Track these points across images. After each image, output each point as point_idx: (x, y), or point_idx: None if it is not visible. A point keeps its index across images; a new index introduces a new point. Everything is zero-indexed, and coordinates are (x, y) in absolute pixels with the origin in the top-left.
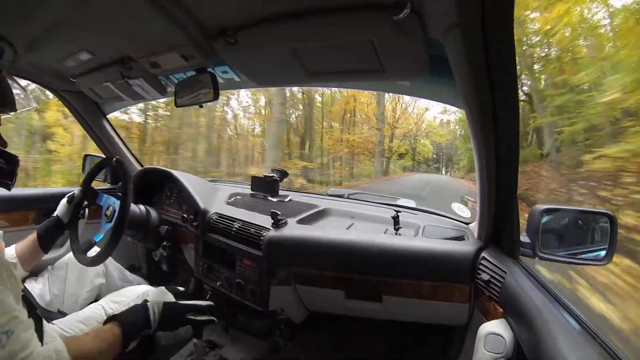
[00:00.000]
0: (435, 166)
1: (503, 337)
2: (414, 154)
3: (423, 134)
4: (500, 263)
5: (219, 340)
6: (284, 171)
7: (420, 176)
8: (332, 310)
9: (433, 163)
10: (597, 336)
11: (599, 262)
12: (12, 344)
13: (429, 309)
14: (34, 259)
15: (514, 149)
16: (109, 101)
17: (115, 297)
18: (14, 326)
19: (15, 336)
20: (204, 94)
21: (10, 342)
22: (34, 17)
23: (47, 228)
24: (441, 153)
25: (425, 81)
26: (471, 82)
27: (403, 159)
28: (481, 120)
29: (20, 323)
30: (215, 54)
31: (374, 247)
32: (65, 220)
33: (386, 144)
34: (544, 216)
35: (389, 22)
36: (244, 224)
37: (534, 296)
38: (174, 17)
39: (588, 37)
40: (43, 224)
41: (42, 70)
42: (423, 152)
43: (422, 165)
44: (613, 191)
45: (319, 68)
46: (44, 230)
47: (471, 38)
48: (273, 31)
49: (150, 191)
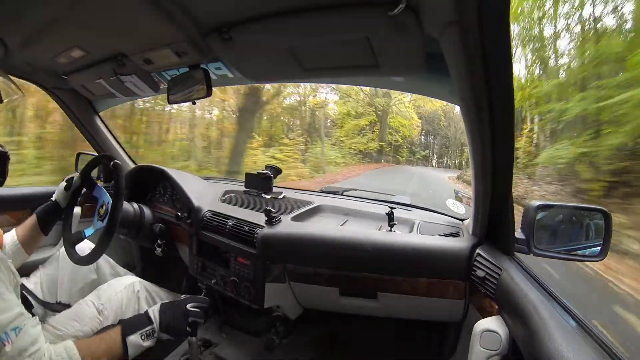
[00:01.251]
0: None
1: (498, 334)
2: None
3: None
4: (495, 259)
5: (214, 338)
6: (278, 168)
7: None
8: (327, 308)
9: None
10: (592, 332)
11: (594, 258)
12: (21, 340)
13: (424, 305)
14: (35, 241)
15: (509, 145)
16: (101, 98)
17: (104, 291)
18: (22, 322)
19: (24, 332)
20: (197, 91)
21: (19, 338)
22: (25, 14)
23: (47, 210)
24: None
25: (421, 77)
26: (467, 78)
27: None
28: (477, 116)
29: (28, 319)
30: (209, 51)
31: (368, 244)
32: (63, 205)
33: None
34: (538, 212)
35: (384, 19)
36: (238, 222)
37: (530, 293)
38: (168, 14)
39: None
40: (41, 208)
41: (34, 67)
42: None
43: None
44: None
45: (313, 64)
46: (43, 213)
47: (467, 35)
48: (268, 28)
49: (144, 189)
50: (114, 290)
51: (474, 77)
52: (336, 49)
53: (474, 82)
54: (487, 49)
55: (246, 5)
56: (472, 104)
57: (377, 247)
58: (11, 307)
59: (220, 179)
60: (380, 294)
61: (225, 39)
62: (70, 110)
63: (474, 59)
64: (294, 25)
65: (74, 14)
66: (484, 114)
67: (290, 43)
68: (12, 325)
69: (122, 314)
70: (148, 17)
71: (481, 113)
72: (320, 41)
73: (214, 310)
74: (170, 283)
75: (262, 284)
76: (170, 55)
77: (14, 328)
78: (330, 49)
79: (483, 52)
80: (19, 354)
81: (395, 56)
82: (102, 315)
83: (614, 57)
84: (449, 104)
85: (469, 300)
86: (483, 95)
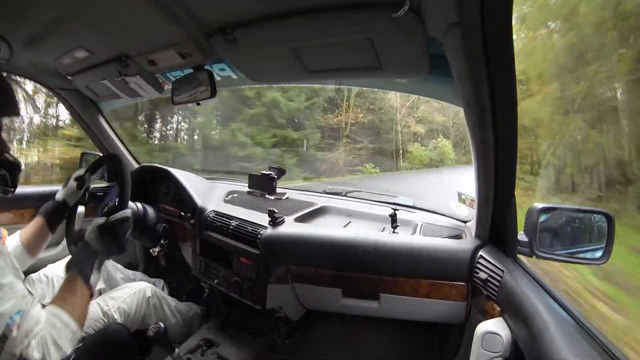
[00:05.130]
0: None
1: (500, 336)
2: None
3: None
4: (497, 262)
5: (217, 338)
6: (282, 169)
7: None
8: (329, 309)
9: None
10: (594, 335)
11: (597, 261)
12: (26, 322)
13: (426, 307)
14: (40, 243)
15: (512, 147)
16: (105, 99)
17: (112, 294)
18: (24, 305)
19: (27, 314)
20: (201, 92)
21: (24, 321)
22: (30, 15)
23: (53, 210)
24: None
25: (424, 79)
26: (470, 80)
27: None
28: (480, 118)
29: (28, 301)
30: (213, 52)
31: (371, 245)
32: (71, 204)
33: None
34: (541, 215)
35: (388, 20)
36: (241, 222)
37: (532, 295)
38: (173, 15)
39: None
40: (45, 207)
41: (39, 68)
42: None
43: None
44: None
45: (317, 65)
46: (49, 212)
47: (470, 37)
48: (272, 29)
49: (148, 189)
50: (122, 294)
51: (477, 79)
52: (339, 51)
53: (477, 84)
54: (489, 51)
55: (250, 6)
56: (475, 106)
57: (379, 248)
58: (16, 293)
59: (224, 179)
60: (383, 295)
61: (229, 39)
62: (74, 111)
63: (477, 61)
64: (298, 26)
65: (78, 15)
66: (487, 115)
67: (294, 44)
68: (16, 309)
69: (131, 318)
70: (152, 18)
71: (484, 115)
72: (324, 42)
73: (216, 311)
74: (172, 283)
75: (264, 285)
76: (175, 56)
77: (19, 311)
78: (333, 50)
79: (486, 54)
80: (26, 336)
81: (398, 58)
82: (107, 317)
83: None
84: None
85: (471, 302)
86: (486, 97)
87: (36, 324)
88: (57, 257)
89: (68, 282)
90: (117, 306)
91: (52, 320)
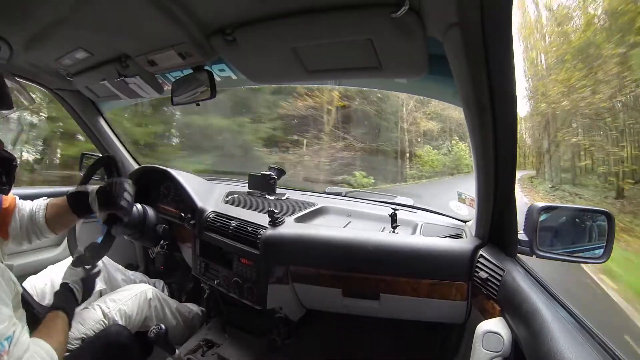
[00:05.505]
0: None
1: (501, 336)
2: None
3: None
4: (498, 261)
5: (217, 339)
6: (282, 169)
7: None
8: (329, 309)
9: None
10: (595, 334)
11: (597, 260)
12: (16, 349)
13: (426, 307)
14: (63, 220)
15: (511, 147)
16: (105, 100)
17: (113, 296)
18: (12, 330)
19: (17, 340)
20: (201, 92)
21: (13, 347)
22: (30, 15)
23: (79, 196)
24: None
25: (424, 79)
26: (470, 80)
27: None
28: (479, 118)
29: (17, 326)
30: (213, 52)
31: (371, 245)
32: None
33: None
34: (541, 214)
35: (388, 21)
36: (241, 223)
37: (532, 294)
38: (173, 15)
39: None
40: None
41: (39, 68)
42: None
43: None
44: None
45: (317, 65)
46: (74, 196)
47: (470, 37)
48: (272, 29)
49: (148, 190)
50: (123, 297)
51: (477, 79)
52: (339, 51)
53: (477, 84)
54: (489, 51)
55: (250, 6)
56: (474, 106)
57: (379, 248)
58: (3, 319)
59: (224, 179)
60: (383, 295)
61: (229, 40)
62: (74, 112)
63: (477, 61)
64: (298, 26)
65: (78, 16)
66: (487, 115)
67: (293, 44)
68: (5, 335)
69: (132, 321)
70: (152, 18)
71: (484, 115)
72: (324, 43)
73: (216, 311)
74: (172, 283)
75: (264, 285)
76: (174, 57)
77: (8, 337)
78: (333, 50)
79: (486, 54)
80: None
81: (398, 58)
82: (107, 318)
83: None
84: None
85: (471, 301)
86: (486, 97)
87: (25, 352)
88: (57, 258)
89: (53, 318)
90: (118, 308)
91: (39, 350)
